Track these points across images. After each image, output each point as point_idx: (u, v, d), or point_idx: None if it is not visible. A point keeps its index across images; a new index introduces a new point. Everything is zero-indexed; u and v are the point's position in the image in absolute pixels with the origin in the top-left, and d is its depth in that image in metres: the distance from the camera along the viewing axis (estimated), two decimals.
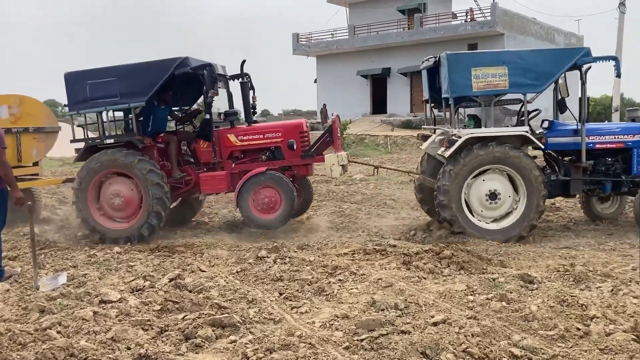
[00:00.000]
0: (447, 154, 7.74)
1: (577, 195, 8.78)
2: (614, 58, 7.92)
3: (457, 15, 33.95)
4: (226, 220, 10.04)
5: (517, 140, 7.88)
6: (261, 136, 8.82)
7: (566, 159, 8.39)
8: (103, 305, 4.88)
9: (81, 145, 8.63)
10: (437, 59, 8.21)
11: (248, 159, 8.90)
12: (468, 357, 3.75)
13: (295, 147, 8.65)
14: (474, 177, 7.85)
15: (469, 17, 32.75)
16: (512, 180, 7.87)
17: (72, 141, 8.73)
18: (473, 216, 7.90)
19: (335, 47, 36.12)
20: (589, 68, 7.98)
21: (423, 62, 9.10)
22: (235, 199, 8.35)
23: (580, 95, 8.11)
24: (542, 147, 7.94)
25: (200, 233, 8.70)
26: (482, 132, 7.92)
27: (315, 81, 38.93)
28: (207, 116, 8.56)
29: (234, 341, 4.09)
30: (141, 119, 8.70)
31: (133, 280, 5.69)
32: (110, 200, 8.35)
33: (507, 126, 8.50)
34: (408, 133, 28.01)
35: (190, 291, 5.32)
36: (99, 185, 8.44)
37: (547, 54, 7.98)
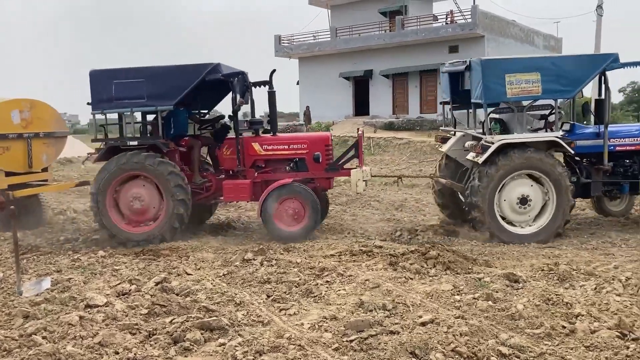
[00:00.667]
0: (481, 159, 7.81)
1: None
2: None
3: (438, 17, 34.17)
4: (211, 223, 9.99)
5: (546, 144, 7.99)
6: (286, 147, 8.74)
7: (585, 160, 8.57)
8: (89, 309, 4.82)
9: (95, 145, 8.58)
10: (468, 63, 8.28)
11: (270, 168, 8.84)
12: (457, 356, 3.78)
13: (320, 160, 8.65)
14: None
15: (449, 19, 32.97)
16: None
17: (93, 140, 8.68)
18: (503, 219, 7.97)
19: (317, 49, 36.10)
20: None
21: (446, 64, 9.20)
22: (259, 208, 8.26)
23: (602, 99, 8.24)
24: (572, 152, 8.05)
25: (185, 236, 8.63)
26: (515, 137, 7.99)
27: (297, 83, 38.91)
28: (227, 121, 8.45)
29: (223, 344, 4.08)
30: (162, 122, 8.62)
31: (119, 284, 5.62)
32: (131, 203, 8.27)
33: (530, 127, 8.64)
34: (391, 135, 28.11)
35: (177, 294, 5.28)
36: (118, 188, 8.35)
37: (578, 60, 8.11)
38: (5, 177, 8.60)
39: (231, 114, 8.73)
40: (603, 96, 8.25)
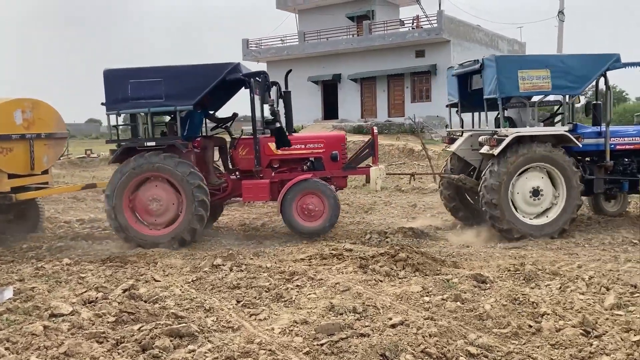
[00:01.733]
0: (497, 151, 8.08)
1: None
2: None
3: (405, 22, 34.54)
4: None
5: (555, 139, 8.31)
6: (303, 146, 8.81)
7: (587, 159, 8.88)
8: (54, 319, 4.70)
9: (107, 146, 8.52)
10: (481, 61, 8.55)
11: (287, 168, 8.87)
12: (426, 357, 3.82)
13: (338, 159, 8.75)
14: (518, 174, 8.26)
15: (415, 24, 33.35)
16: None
17: (107, 142, 8.54)
18: (517, 212, 8.26)
19: (285, 53, 36.08)
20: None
21: (455, 67, 9.57)
22: (279, 204, 8.31)
23: (604, 100, 8.69)
24: (580, 145, 8.37)
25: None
26: (528, 131, 8.35)
27: None
28: (278, 124, 8.53)
29: (193, 351, 4.03)
30: (174, 122, 8.53)
31: (85, 292, 5.50)
32: (148, 205, 8.17)
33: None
34: (360, 138, 28.25)
35: (145, 301, 5.20)
36: (134, 190, 8.23)
37: (584, 59, 8.45)
38: (8, 180, 8.40)
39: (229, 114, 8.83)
40: (600, 99, 8.72)
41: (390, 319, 4.49)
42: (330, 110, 35.94)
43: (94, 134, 67.46)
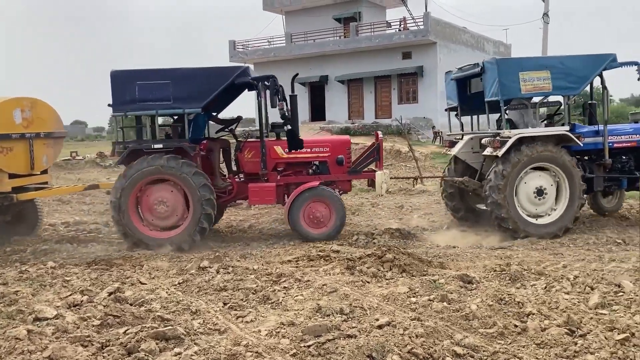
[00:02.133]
0: (501, 152, 8.18)
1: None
2: (636, 63, 8.58)
3: (391, 24, 34.68)
4: None
5: (557, 139, 8.42)
6: (308, 150, 8.81)
7: (585, 157, 8.99)
8: (38, 322, 4.64)
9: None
10: (482, 64, 8.60)
11: (291, 172, 8.86)
12: (413, 357, 3.83)
13: (343, 163, 8.80)
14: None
15: (402, 26, 33.50)
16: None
17: (114, 143, 8.48)
18: (522, 212, 8.38)
19: (272, 55, 36.08)
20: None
21: (454, 71, 9.64)
22: (287, 211, 8.29)
23: (594, 102, 8.94)
24: (581, 145, 8.49)
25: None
26: (530, 132, 8.46)
27: None
28: (289, 126, 8.54)
29: (179, 353, 4.00)
30: (179, 124, 8.48)
31: (70, 295, 5.45)
32: (154, 204, 8.12)
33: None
34: None
35: (131, 304, 5.16)
36: (149, 183, 8.17)
37: (582, 59, 8.58)
38: (8, 180, 8.31)
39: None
40: (596, 99, 8.97)
41: (377, 319, 4.50)
42: (317, 112, 35.98)
43: (80, 136, 66.94)
